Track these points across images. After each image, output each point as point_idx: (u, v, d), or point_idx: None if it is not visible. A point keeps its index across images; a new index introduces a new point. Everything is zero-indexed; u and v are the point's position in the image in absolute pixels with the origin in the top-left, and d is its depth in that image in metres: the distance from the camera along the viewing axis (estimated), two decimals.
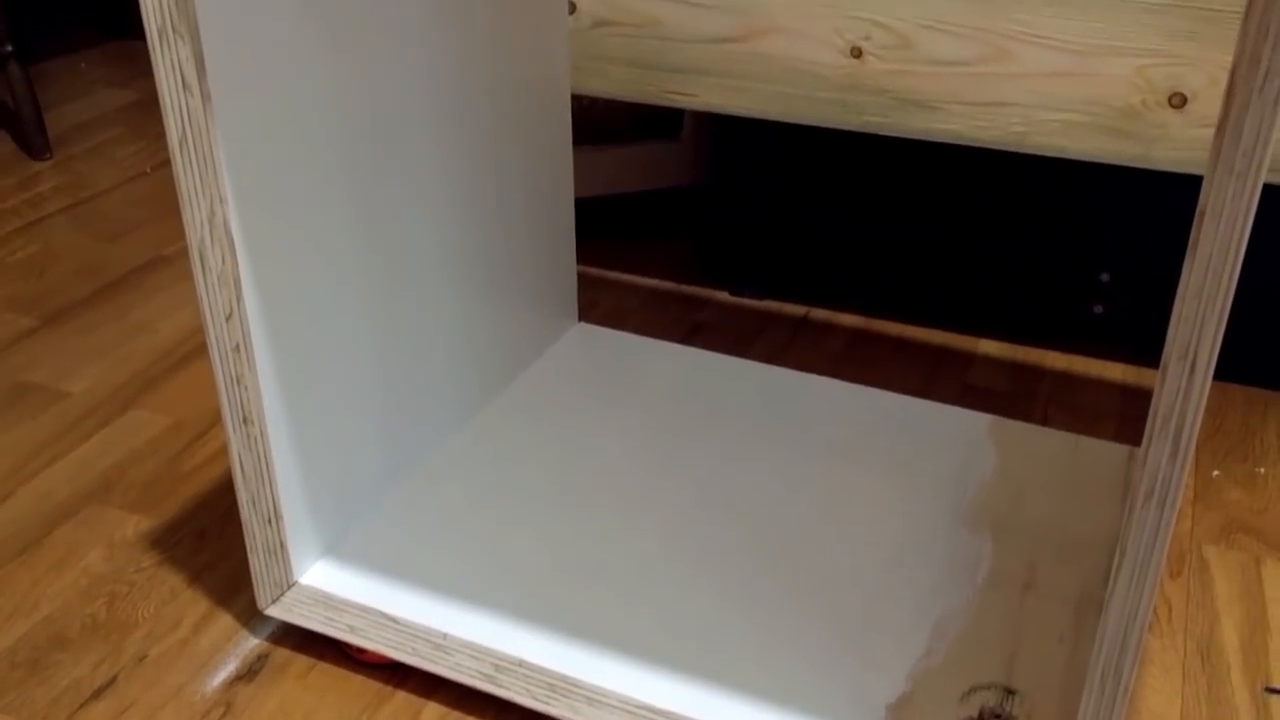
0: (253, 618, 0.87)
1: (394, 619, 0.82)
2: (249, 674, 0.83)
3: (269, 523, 0.81)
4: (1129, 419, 1.12)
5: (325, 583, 0.85)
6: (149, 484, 1.03)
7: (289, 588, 0.85)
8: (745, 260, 1.34)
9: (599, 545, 0.89)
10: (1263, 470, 1.05)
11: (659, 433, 1.02)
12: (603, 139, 1.41)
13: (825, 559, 0.88)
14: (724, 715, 0.75)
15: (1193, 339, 0.51)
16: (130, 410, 1.13)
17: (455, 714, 0.80)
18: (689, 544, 0.89)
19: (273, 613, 0.84)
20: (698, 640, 0.80)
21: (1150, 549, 0.57)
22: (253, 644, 0.86)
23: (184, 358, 1.22)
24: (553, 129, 1.06)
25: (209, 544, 0.96)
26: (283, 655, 0.85)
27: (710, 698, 0.76)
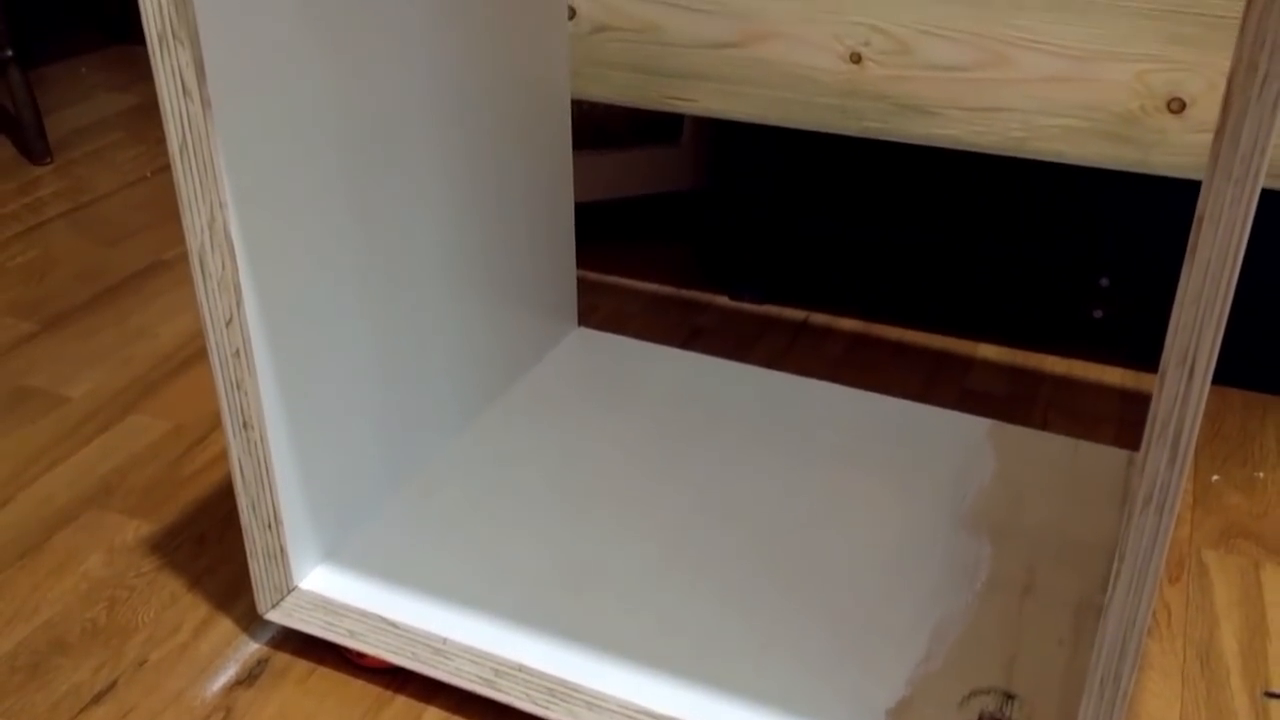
0: (253, 622, 0.88)
1: (394, 624, 0.82)
2: (249, 679, 0.83)
3: (269, 527, 0.81)
4: (1128, 423, 1.12)
5: (325, 587, 0.85)
6: (149, 489, 1.03)
7: (289, 592, 0.85)
8: (745, 265, 1.34)
9: (599, 549, 0.89)
10: (1262, 475, 1.05)
11: (659, 437, 1.02)
12: (603, 143, 1.42)
13: (825, 563, 0.88)
14: None
15: (1191, 344, 0.52)
16: (130, 415, 1.13)
17: (455, 719, 0.80)
18: (688, 548, 0.89)
19: (273, 617, 0.84)
20: (697, 644, 0.80)
21: (1149, 554, 0.57)
22: (253, 649, 0.86)
23: (184, 362, 1.22)
24: (552, 133, 1.06)
25: (209, 549, 0.96)
26: (283, 660, 0.85)
27: (709, 702, 0.76)
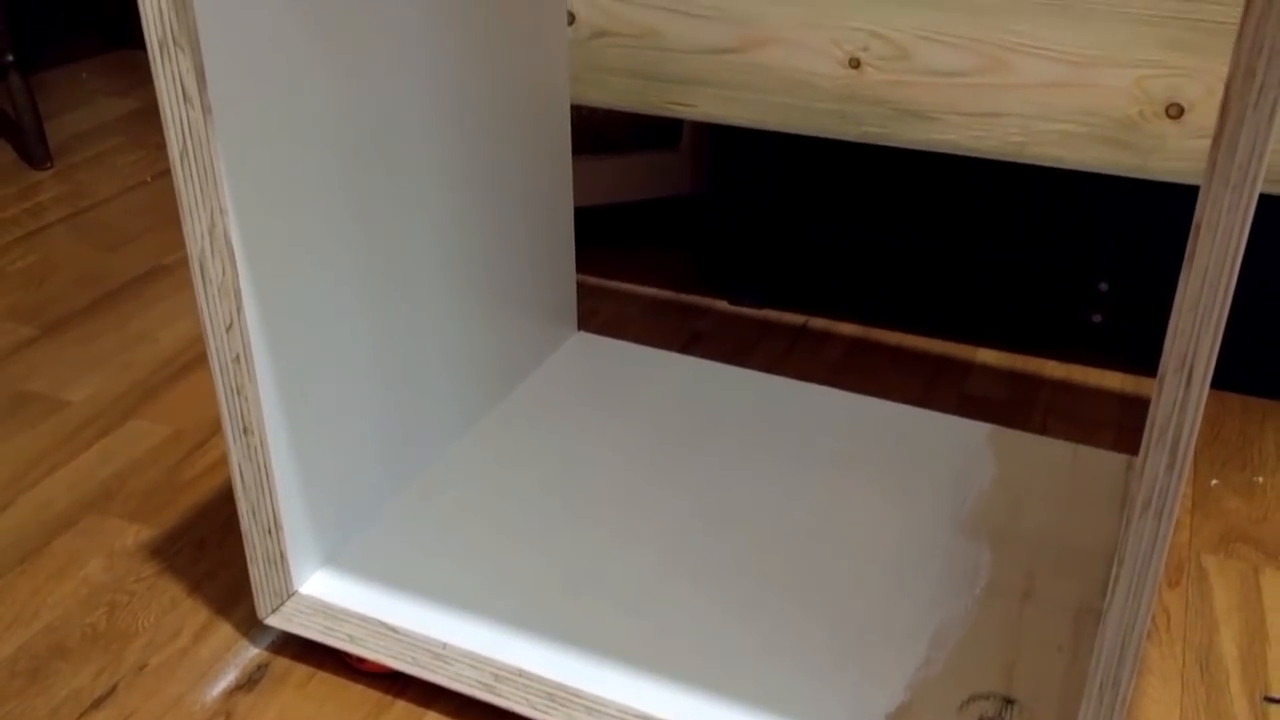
0: (252, 627, 0.88)
1: (393, 628, 0.82)
2: (249, 683, 0.83)
3: (269, 532, 0.82)
4: (1127, 428, 1.13)
5: (325, 592, 0.85)
6: (149, 493, 1.03)
7: (289, 597, 0.85)
8: (744, 269, 1.34)
9: (598, 554, 0.89)
10: (1261, 479, 1.05)
11: (658, 442, 1.02)
12: (602, 148, 1.42)
13: (824, 568, 0.88)
14: None
15: (1189, 351, 0.52)
16: (130, 419, 1.13)
17: None
18: (688, 553, 0.89)
19: (272, 622, 0.84)
20: (696, 649, 0.80)
21: (1148, 559, 0.57)
22: (252, 653, 0.86)
23: (184, 367, 1.22)
24: (552, 138, 1.06)
25: (209, 553, 0.96)
26: (282, 665, 0.85)
27: (709, 707, 0.76)
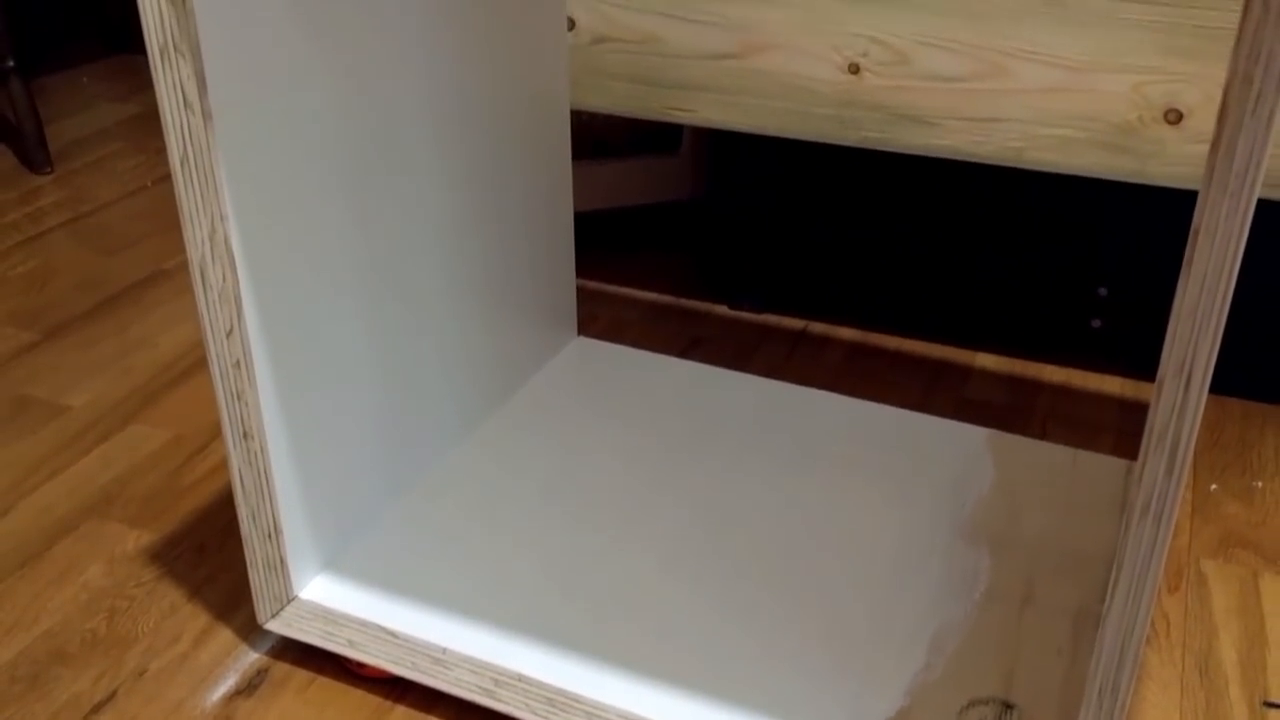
0: (252, 632, 0.88)
1: (393, 633, 0.82)
2: (248, 688, 0.83)
3: (269, 538, 0.82)
4: (1127, 433, 1.13)
5: (325, 597, 0.85)
6: (149, 498, 1.03)
7: (289, 602, 0.85)
8: (744, 274, 1.34)
9: (598, 559, 0.89)
10: (1260, 484, 1.05)
11: (658, 446, 1.02)
12: (602, 153, 1.42)
13: (823, 573, 0.88)
14: None
15: (1188, 356, 0.52)
16: (130, 424, 1.13)
17: None
18: (687, 558, 0.89)
19: (272, 627, 0.84)
20: (696, 654, 0.81)
21: (1147, 564, 0.57)
22: (252, 658, 0.86)
23: (184, 372, 1.22)
24: (552, 143, 1.06)
25: (209, 558, 0.96)
26: (282, 670, 0.85)
27: (708, 712, 0.76)
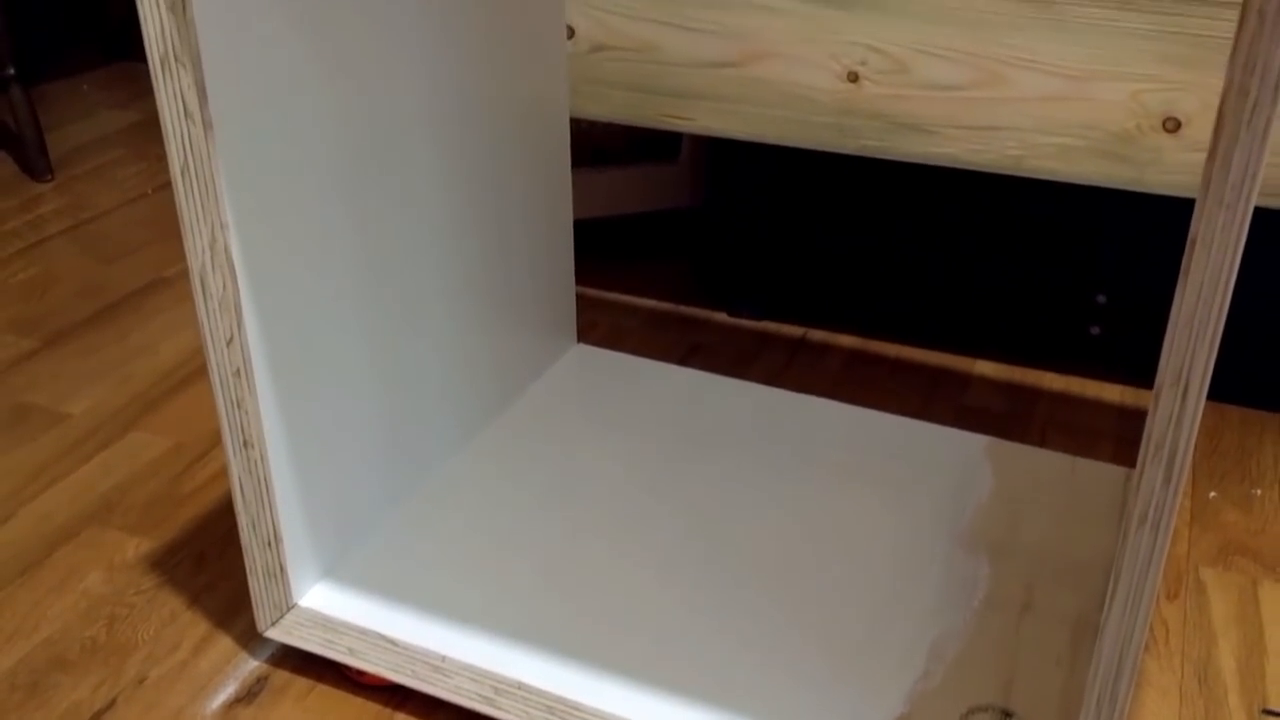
0: (252, 640, 0.88)
1: (393, 641, 0.82)
2: (248, 696, 0.83)
3: (269, 545, 0.82)
4: (1126, 440, 1.13)
5: (325, 605, 0.86)
6: (149, 506, 1.03)
7: (288, 610, 0.85)
8: (743, 281, 1.34)
9: (598, 567, 0.89)
10: (1259, 492, 1.05)
11: (657, 454, 1.02)
12: (601, 161, 1.42)
13: (822, 581, 0.88)
14: None
15: (1185, 366, 0.52)
16: (131, 432, 1.13)
17: None
18: (687, 565, 0.89)
19: (272, 635, 0.84)
20: (695, 662, 0.81)
21: (1145, 572, 0.57)
22: (252, 666, 0.86)
23: (184, 379, 1.22)
24: (551, 151, 1.06)
25: (209, 566, 0.96)
26: (282, 677, 0.85)
27: (707, 719, 0.76)
